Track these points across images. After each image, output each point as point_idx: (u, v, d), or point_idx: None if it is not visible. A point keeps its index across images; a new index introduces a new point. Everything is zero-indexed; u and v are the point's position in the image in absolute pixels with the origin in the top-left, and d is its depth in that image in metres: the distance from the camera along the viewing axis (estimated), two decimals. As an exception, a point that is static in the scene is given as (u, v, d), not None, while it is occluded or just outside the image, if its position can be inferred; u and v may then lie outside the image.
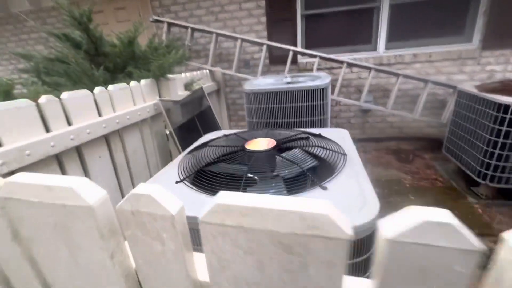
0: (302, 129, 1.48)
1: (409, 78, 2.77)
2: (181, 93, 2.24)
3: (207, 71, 3.14)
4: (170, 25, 3.17)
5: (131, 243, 0.47)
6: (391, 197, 2.40)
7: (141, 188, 0.44)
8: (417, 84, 3.04)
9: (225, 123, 3.59)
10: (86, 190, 0.44)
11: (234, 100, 3.63)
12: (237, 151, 1.12)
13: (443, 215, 0.31)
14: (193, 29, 3.07)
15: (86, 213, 0.44)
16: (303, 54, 2.89)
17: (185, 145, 1.96)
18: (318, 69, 2.98)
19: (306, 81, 2.09)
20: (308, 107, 1.94)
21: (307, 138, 1.29)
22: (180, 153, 1.88)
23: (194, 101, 2.43)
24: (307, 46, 3.24)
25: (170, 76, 1.94)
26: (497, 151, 1.96)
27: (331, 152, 1.10)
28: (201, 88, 2.61)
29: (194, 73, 2.71)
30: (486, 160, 2.04)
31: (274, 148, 1.11)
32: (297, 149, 1.13)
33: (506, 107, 1.84)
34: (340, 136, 1.37)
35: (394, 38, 3.01)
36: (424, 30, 2.93)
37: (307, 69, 3.25)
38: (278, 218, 0.36)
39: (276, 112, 1.98)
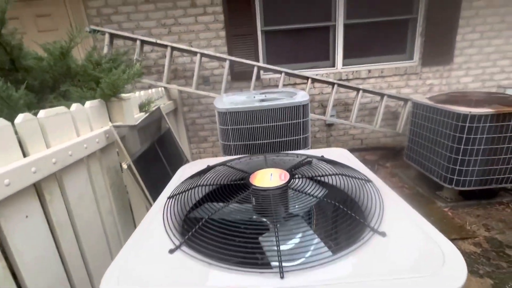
0: (299, 152, 1.29)
1: (367, 92, 2.90)
2: (136, 116, 1.84)
3: (162, 89, 2.76)
4: (113, 36, 2.72)
5: None
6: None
7: None
8: (373, 98, 3.22)
9: (185, 147, 3.20)
10: None
11: (193, 119, 3.28)
12: (244, 191, 0.85)
13: None
14: (143, 42, 2.69)
15: None
16: (267, 70, 2.79)
17: (148, 181, 1.57)
18: (283, 86, 2.90)
19: (283, 98, 1.94)
20: (290, 125, 1.78)
21: (310, 163, 1.09)
22: (143, 191, 1.49)
23: (152, 124, 2.05)
24: (268, 62, 3.17)
25: (124, 95, 1.55)
26: (460, 157, 2.11)
27: (353, 179, 0.92)
28: (159, 108, 2.24)
29: (150, 91, 2.32)
30: (451, 166, 2.18)
31: (289, 181, 0.88)
32: (310, 181, 0.92)
33: (465, 116, 2.00)
34: (345, 157, 1.22)
35: (350, 55, 3.16)
36: (376, 48, 3.17)
37: (271, 85, 3.15)
38: None
39: (256, 132, 1.76)
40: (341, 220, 0.75)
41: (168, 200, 0.92)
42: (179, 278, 0.57)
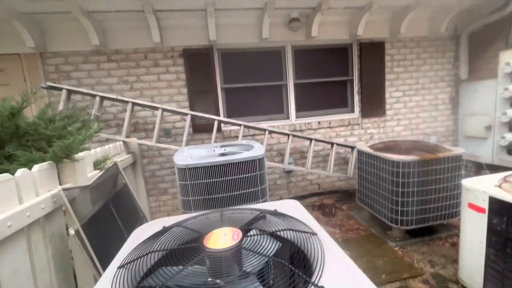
0: (254, 206, 1.36)
1: (319, 141, 3.22)
2: (90, 174, 1.79)
3: (120, 143, 2.73)
4: (70, 92, 2.71)
5: None
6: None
7: None
8: (325, 146, 3.56)
9: (143, 200, 3.06)
10: None
11: (153, 172, 3.21)
12: (198, 254, 0.87)
13: None
14: (103, 98, 2.72)
15: None
16: (227, 123, 2.97)
17: (98, 245, 1.47)
18: (243, 137, 3.09)
19: (241, 151, 2.08)
20: (247, 178, 1.88)
21: (265, 218, 1.17)
22: (92, 259, 1.38)
23: (107, 181, 1.99)
24: (228, 115, 3.39)
25: (77, 156, 1.52)
26: (400, 199, 2.38)
27: (301, 233, 1.01)
28: (115, 164, 2.20)
29: (107, 146, 2.29)
30: (394, 207, 2.43)
31: (241, 240, 0.93)
32: (264, 236, 0.99)
33: (398, 163, 2.33)
34: (296, 210, 1.32)
35: (302, 108, 3.56)
36: (323, 103, 3.63)
37: (231, 136, 3.32)
38: None
39: (215, 186, 1.82)
40: (289, 277, 0.81)
41: (118, 270, 0.90)
42: None
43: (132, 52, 3.04)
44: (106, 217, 1.77)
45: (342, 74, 3.64)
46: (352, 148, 3.31)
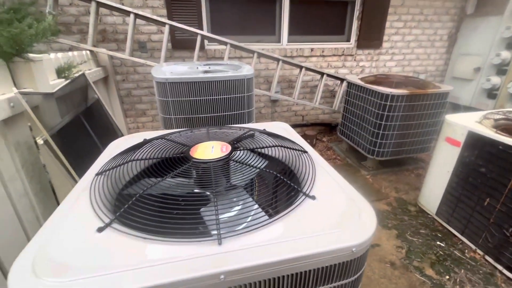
0: (242, 125, 1.29)
1: (309, 71, 3.04)
2: (53, 82, 1.56)
3: (87, 52, 2.37)
4: (13, -20, 2.14)
5: None
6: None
7: None
8: (314, 76, 3.40)
9: (120, 121, 2.89)
10: None
11: (129, 91, 2.95)
12: (183, 164, 0.82)
13: None
14: (58, -8, 2.20)
15: None
16: (212, 40, 2.63)
17: (73, 158, 1.39)
18: (229, 58, 2.81)
19: (228, 71, 1.88)
20: (234, 99, 1.75)
21: (253, 136, 1.11)
22: (67, 170, 1.31)
23: (76, 93, 1.78)
24: (213, 32, 2.99)
25: (32, 56, 1.27)
26: (381, 132, 2.44)
27: (291, 151, 0.98)
28: (83, 74, 1.94)
29: (70, 53, 1.96)
30: (373, 139, 2.51)
31: (230, 153, 0.88)
32: (253, 154, 0.95)
33: (387, 96, 2.29)
34: (285, 131, 1.27)
35: (295, 31, 3.21)
36: (318, 28, 3.28)
37: (216, 56, 3.01)
38: None
39: (199, 105, 1.69)
40: (279, 188, 0.80)
41: (96, 176, 0.83)
42: (110, 257, 0.53)
43: None
44: (79, 131, 1.63)
45: (344, -6, 3.20)
46: (342, 80, 3.19)
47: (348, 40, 3.43)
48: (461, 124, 1.76)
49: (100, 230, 0.60)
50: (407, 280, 1.54)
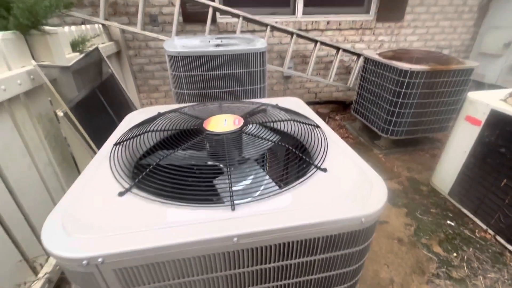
0: (254, 100, 1.29)
1: (325, 45, 2.91)
2: (69, 56, 1.58)
3: (99, 26, 2.35)
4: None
5: None
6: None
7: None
8: (329, 51, 3.26)
9: (133, 96, 2.93)
10: None
11: (141, 66, 2.95)
12: (197, 136, 0.83)
13: None
14: (68, -38, 2.15)
15: None
16: (224, 12, 2.54)
17: (91, 130, 1.44)
18: (241, 32, 2.72)
19: (240, 44, 1.84)
20: (247, 73, 1.73)
21: (265, 111, 1.11)
22: (86, 141, 1.37)
23: (91, 67, 1.80)
24: (224, 4, 2.87)
25: (48, 28, 1.28)
26: (397, 110, 2.36)
27: (304, 125, 0.97)
28: (97, 48, 1.95)
29: (83, 27, 1.96)
30: (389, 118, 2.45)
31: (243, 126, 0.89)
32: (264, 129, 0.95)
33: (406, 72, 2.18)
34: (298, 106, 1.26)
35: (311, 2, 3.04)
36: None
37: (227, 30, 2.93)
38: None
39: (211, 80, 1.68)
40: (290, 161, 0.81)
41: (115, 146, 0.86)
42: (131, 218, 0.57)
43: None
44: (95, 105, 1.68)
45: (366, -41, 2.95)
46: (358, 55, 3.05)
47: (368, 11, 3.22)
48: (484, 102, 1.68)
49: (121, 194, 0.64)
50: (413, 256, 1.57)
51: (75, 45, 1.70)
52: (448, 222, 1.81)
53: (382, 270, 1.48)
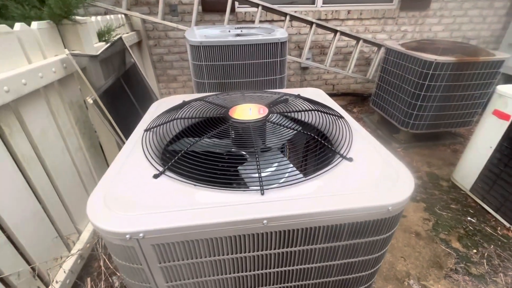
0: (276, 90, 1.29)
1: (344, 35, 2.84)
2: (96, 45, 1.64)
3: (121, 16, 2.40)
4: None
5: None
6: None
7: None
8: (349, 42, 3.18)
9: (153, 86, 2.99)
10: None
11: (161, 56, 3.00)
12: (223, 124, 0.86)
13: None
14: (92, -48, 2.19)
15: None
16: (243, 1, 2.53)
17: (117, 117, 1.50)
18: (259, 22, 2.70)
19: (260, 34, 1.83)
20: (267, 63, 1.73)
21: (287, 101, 1.12)
22: (114, 128, 1.43)
23: (115, 56, 1.86)
24: (243, -7, 2.85)
25: (79, 18, 1.33)
26: (419, 103, 2.30)
27: (328, 115, 0.98)
28: (121, 38, 2.00)
29: (108, 17, 2.01)
30: (409, 111, 2.38)
31: (267, 115, 0.90)
32: (287, 120, 0.96)
33: (430, 63, 2.11)
34: (320, 96, 1.26)
35: (331, -9, 2.96)
36: (357, -15, 2.99)
37: (246, 20, 2.91)
38: None
39: (231, 70, 1.70)
40: (315, 150, 0.82)
41: (145, 132, 0.91)
42: (167, 198, 0.60)
43: None
44: (120, 93, 1.74)
45: None
46: (379, 46, 2.96)
47: (391, 0, 3.10)
48: (515, 96, 1.61)
49: (156, 176, 0.68)
50: (431, 250, 1.56)
51: (101, 35, 1.76)
52: (469, 218, 1.77)
53: (399, 263, 1.48)
